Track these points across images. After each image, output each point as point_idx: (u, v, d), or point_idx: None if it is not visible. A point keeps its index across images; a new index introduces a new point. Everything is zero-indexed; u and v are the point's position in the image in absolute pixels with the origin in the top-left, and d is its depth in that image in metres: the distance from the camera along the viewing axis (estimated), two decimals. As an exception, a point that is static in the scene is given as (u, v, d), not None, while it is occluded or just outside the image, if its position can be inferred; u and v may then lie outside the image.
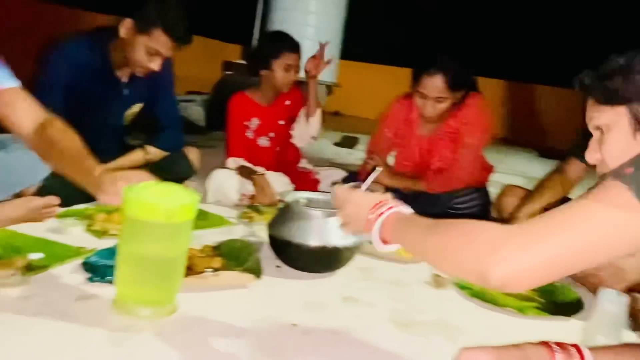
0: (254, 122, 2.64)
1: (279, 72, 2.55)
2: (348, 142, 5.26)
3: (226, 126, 2.63)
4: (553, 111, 7.89)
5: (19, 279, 1.35)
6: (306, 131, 2.68)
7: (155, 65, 2.08)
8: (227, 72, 5.63)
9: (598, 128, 1.02)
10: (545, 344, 1.00)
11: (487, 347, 1.08)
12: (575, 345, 0.99)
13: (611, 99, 0.97)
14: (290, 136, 2.75)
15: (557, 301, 1.71)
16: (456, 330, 1.47)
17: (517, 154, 6.68)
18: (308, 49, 6.51)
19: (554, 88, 7.93)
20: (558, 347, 0.98)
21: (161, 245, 1.22)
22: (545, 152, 6.49)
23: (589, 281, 1.76)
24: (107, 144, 2.24)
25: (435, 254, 0.97)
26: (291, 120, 2.73)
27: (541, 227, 0.84)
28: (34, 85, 2.00)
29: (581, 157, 1.97)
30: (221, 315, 1.36)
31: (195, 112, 5.07)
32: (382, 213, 1.11)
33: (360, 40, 7.84)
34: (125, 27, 2.03)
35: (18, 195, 1.80)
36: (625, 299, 1.40)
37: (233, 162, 2.55)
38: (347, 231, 1.24)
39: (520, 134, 8.01)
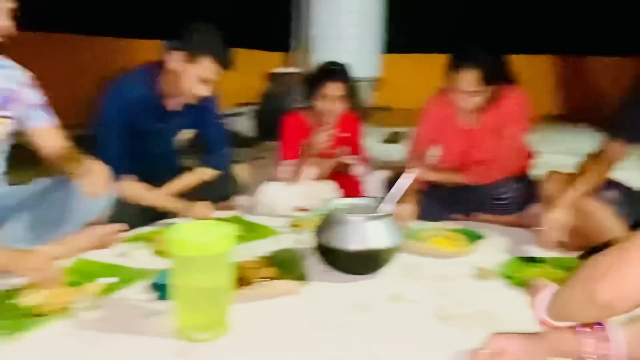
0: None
1: (321, 102, 2.62)
2: (395, 138, 5.29)
3: (279, 142, 2.74)
4: (607, 82, 7.58)
5: (94, 303, 1.51)
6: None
7: (204, 91, 2.23)
8: (271, 84, 5.79)
9: None
10: (570, 328, 1.05)
11: (516, 333, 1.14)
12: (599, 323, 1.03)
13: None
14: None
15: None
16: (501, 320, 1.52)
17: (574, 131, 6.48)
18: (349, 49, 6.62)
19: (606, 58, 7.61)
20: (581, 327, 1.03)
21: (201, 276, 1.35)
22: (603, 127, 6.25)
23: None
24: (162, 168, 2.44)
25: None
26: (344, 146, 2.77)
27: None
28: (94, 119, 2.22)
29: (625, 136, 1.98)
30: (273, 323, 1.48)
31: (245, 124, 5.26)
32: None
33: (403, 31, 7.83)
34: (173, 59, 2.19)
35: (87, 225, 2.00)
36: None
37: (283, 168, 2.65)
38: None
39: (576, 110, 7.74)
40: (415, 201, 2.43)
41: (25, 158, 2.05)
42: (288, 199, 2.55)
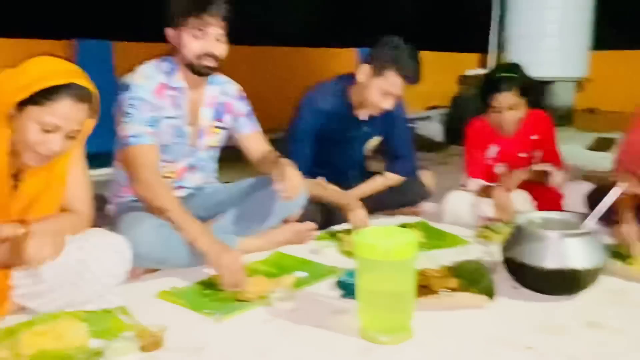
0: (493, 150, 2.59)
1: (492, 113, 2.48)
2: (602, 145, 4.77)
3: (464, 148, 2.68)
4: None
5: (289, 294, 1.65)
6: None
7: (387, 104, 2.28)
8: (462, 86, 5.64)
9: None
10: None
11: None
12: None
13: None
14: (530, 164, 2.63)
15: None
16: None
17: None
18: (551, 48, 6.13)
19: None
20: None
21: (385, 280, 1.38)
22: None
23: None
24: (351, 173, 2.56)
25: None
26: (534, 151, 2.60)
27: None
28: (291, 125, 2.42)
29: None
30: (456, 335, 1.46)
31: (433, 128, 5.22)
32: None
33: (613, 26, 7.02)
34: (362, 72, 2.29)
35: (285, 221, 2.19)
36: None
37: (473, 183, 2.58)
38: None
39: None
40: (632, 219, 2.13)
41: (231, 157, 2.31)
42: (476, 208, 2.47)
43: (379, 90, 2.26)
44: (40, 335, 1.35)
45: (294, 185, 1.87)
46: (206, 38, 1.86)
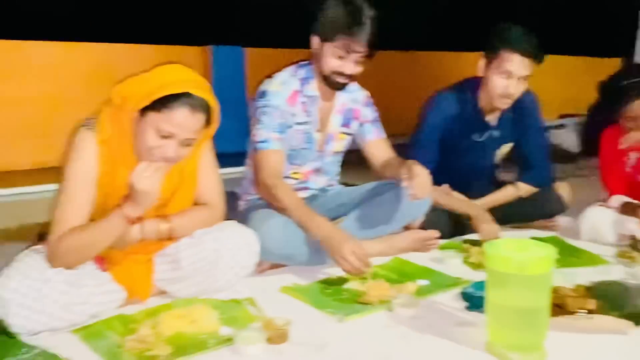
0: (633, 157, 2.38)
1: (626, 122, 2.25)
2: None
3: (600, 159, 2.46)
4: None
5: (411, 301, 1.62)
6: None
7: (511, 88, 2.15)
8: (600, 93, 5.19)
9: None
10: None
11: None
12: None
13: None
14: None
15: None
16: None
17: None
18: None
19: None
20: None
21: (518, 295, 1.29)
22: None
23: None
24: (479, 182, 2.45)
25: None
26: None
27: None
28: (415, 133, 2.37)
29: None
30: (595, 361, 1.34)
31: (567, 138, 4.87)
32: None
33: None
34: (480, 65, 2.22)
35: (406, 228, 2.16)
36: None
37: (615, 199, 2.35)
38: None
39: None
40: None
41: (354, 160, 2.32)
42: (618, 226, 2.25)
43: (497, 76, 2.16)
44: (178, 318, 1.45)
45: (423, 183, 1.83)
46: (347, 59, 1.89)
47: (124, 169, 1.49)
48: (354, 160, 2.31)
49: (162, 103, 1.44)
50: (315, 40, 1.94)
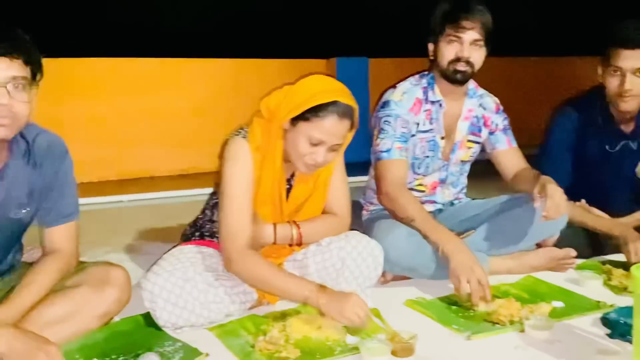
0: None
1: None
2: None
3: None
4: None
5: (545, 323, 1.52)
6: None
7: (629, 84, 1.99)
8: None
9: None
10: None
11: None
12: None
13: None
14: None
15: None
16: None
17: None
18: None
19: None
20: None
21: None
22: None
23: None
24: (620, 197, 2.23)
25: None
26: None
27: None
28: (543, 144, 2.23)
29: None
30: None
31: None
32: None
33: None
34: (598, 73, 2.09)
35: (539, 245, 2.04)
36: None
37: None
38: None
39: None
40: None
41: (481, 172, 2.24)
42: None
43: (609, 75, 2.02)
44: (306, 323, 1.50)
45: (557, 204, 1.73)
46: (461, 43, 1.88)
47: (269, 175, 1.61)
48: (477, 173, 2.23)
49: (312, 113, 1.53)
50: (430, 47, 1.98)
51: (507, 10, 1.88)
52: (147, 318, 1.55)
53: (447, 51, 1.90)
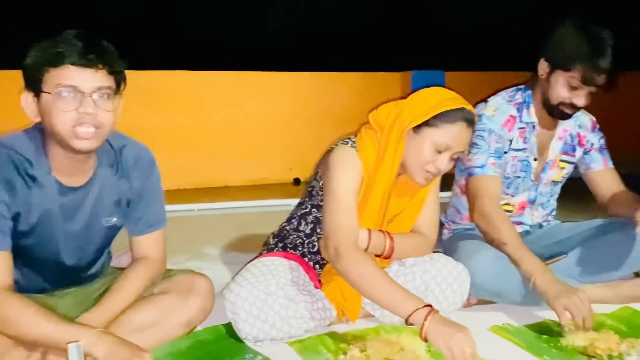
0: None
1: None
2: None
3: None
4: None
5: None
6: None
7: None
8: None
9: None
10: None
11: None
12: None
13: None
14: None
15: None
16: None
17: None
18: None
19: None
20: None
21: None
22: None
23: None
24: None
25: None
26: None
27: None
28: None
29: None
30: None
31: None
32: None
33: None
34: None
35: (637, 275, 1.88)
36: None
37: None
38: None
39: None
40: None
41: (572, 193, 2.10)
42: None
43: None
44: (387, 345, 1.45)
45: None
46: (581, 90, 1.76)
47: (382, 183, 1.60)
48: (565, 194, 2.10)
49: (440, 118, 1.53)
50: (543, 66, 1.82)
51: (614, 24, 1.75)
52: (229, 329, 1.56)
53: (563, 92, 1.78)
